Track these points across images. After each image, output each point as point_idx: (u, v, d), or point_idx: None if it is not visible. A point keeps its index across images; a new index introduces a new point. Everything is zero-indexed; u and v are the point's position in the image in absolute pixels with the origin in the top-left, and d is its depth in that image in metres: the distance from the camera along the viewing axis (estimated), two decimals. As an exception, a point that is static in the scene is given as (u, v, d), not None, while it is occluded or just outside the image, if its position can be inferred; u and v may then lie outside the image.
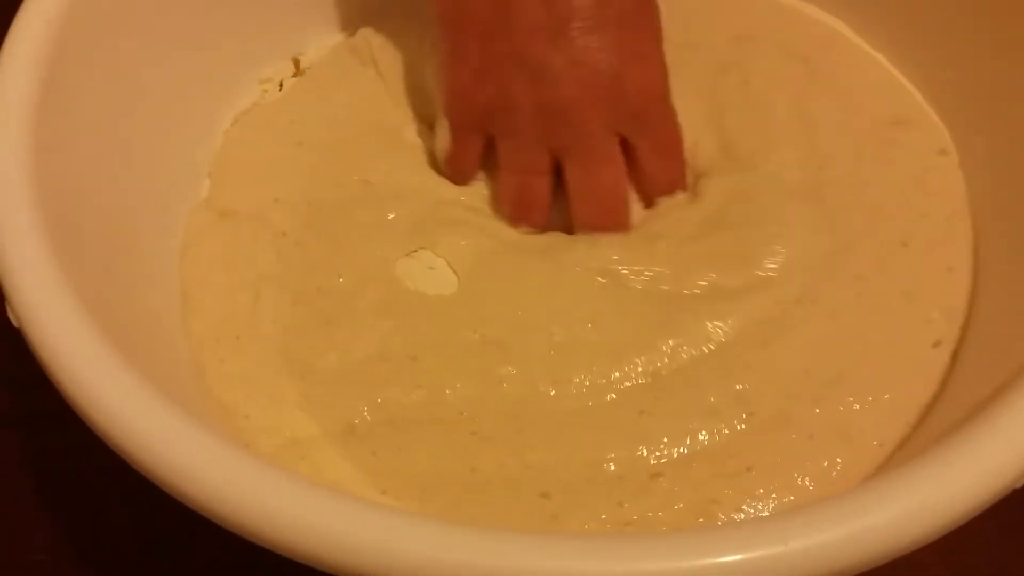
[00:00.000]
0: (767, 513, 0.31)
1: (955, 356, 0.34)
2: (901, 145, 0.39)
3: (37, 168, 0.30)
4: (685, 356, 0.34)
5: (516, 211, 0.38)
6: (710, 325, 0.34)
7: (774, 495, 0.31)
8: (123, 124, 0.36)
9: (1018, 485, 0.23)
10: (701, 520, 0.31)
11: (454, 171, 0.39)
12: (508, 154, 0.37)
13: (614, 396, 0.33)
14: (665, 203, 0.38)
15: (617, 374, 0.34)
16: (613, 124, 0.36)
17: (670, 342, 0.34)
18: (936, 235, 0.37)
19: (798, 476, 0.32)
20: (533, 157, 0.36)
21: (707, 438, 0.32)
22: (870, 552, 0.22)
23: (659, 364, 0.34)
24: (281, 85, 0.44)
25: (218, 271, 0.37)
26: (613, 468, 0.32)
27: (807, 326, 0.35)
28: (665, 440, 0.32)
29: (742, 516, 0.31)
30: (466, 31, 0.36)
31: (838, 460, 0.32)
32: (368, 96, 0.42)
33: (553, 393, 0.33)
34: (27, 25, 0.32)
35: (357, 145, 0.41)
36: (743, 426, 0.33)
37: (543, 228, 0.38)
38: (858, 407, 0.33)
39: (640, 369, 0.34)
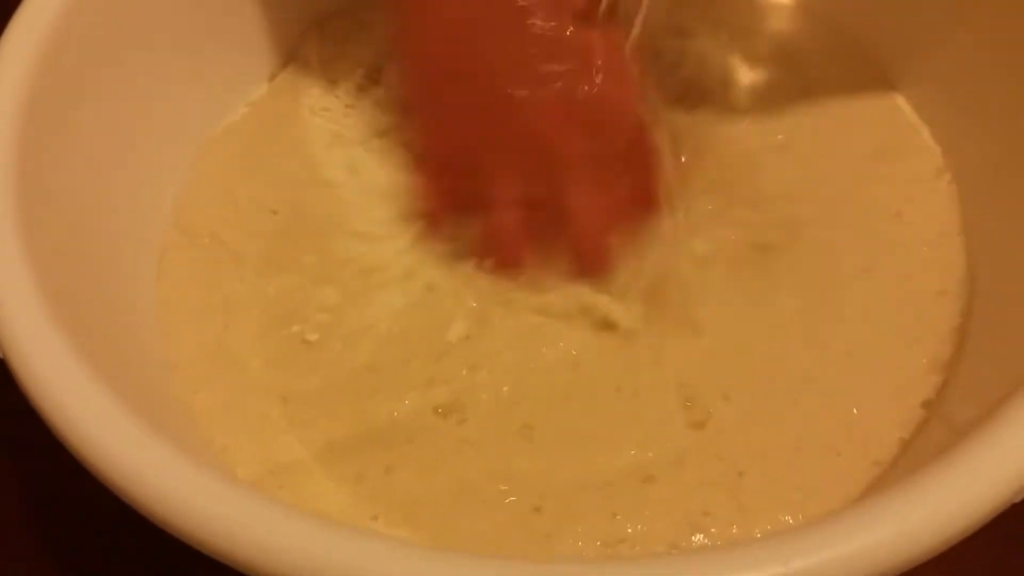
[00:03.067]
0: (760, 526, 0.31)
1: (950, 375, 0.33)
2: (881, 178, 0.39)
3: (20, 190, 0.30)
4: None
5: (503, 249, 0.37)
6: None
7: (766, 506, 0.31)
8: (107, 146, 0.36)
9: (1017, 499, 0.23)
10: (696, 536, 0.31)
11: (430, 210, 0.38)
12: (490, 192, 0.36)
13: (593, 379, 0.34)
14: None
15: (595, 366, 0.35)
16: (591, 147, 0.35)
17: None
18: (914, 261, 0.37)
19: (790, 486, 0.32)
20: (512, 192, 0.36)
21: (691, 429, 0.33)
22: (871, 570, 0.22)
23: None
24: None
25: (187, 295, 0.37)
26: (604, 472, 0.32)
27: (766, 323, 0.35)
28: (649, 430, 0.33)
29: (735, 530, 0.31)
30: (432, 79, 0.36)
31: (829, 472, 0.32)
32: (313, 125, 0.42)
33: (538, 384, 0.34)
34: (18, 40, 0.32)
35: (288, 175, 0.41)
36: (725, 415, 0.33)
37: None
38: (849, 414, 0.33)
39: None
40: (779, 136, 0.40)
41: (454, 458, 0.33)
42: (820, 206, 0.38)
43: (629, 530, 0.31)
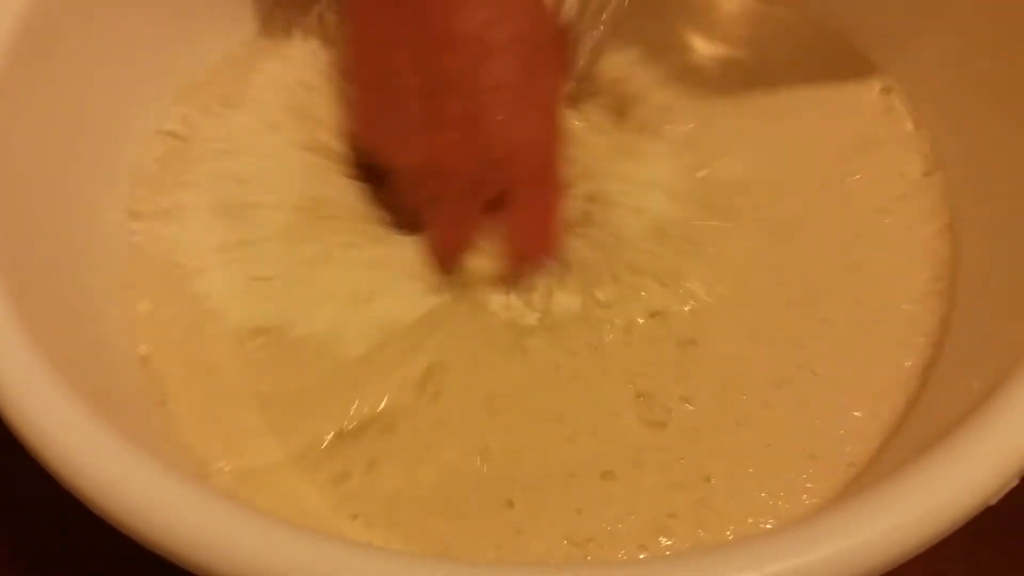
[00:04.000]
0: (730, 529, 0.31)
1: (927, 376, 0.33)
2: (867, 172, 0.39)
3: None
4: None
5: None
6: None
7: (735, 509, 0.31)
8: (62, 123, 0.35)
9: (992, 502, 0.23)
10: (664, 539, 0.31)
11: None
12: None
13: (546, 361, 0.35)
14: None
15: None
16: (481, 181, 0.35)
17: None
18: (899, 259, 0.36)
19: (761, 489, 0.32)
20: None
21: (648, 428, 0.33)
22: (849, 574, 0.22)
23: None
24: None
25: (154, 290, 0.37)
26: (566, 462, 0.32)
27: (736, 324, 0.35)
28: (602, 423, 0.33)
29: (703, 533, 0.31)
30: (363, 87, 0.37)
31: (802, 475, 0.32)
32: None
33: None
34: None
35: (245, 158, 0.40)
36: (685, 416, 0.33)
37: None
38: (824, 417, 0.33)
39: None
40: (760, 131, 0.40)
41: (432, 442, 0.33)
42: (804, 203, 0.38)
43: (595, 529, 0.31)
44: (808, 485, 0.31)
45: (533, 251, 0.36)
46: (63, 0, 0.34)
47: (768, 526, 0.31)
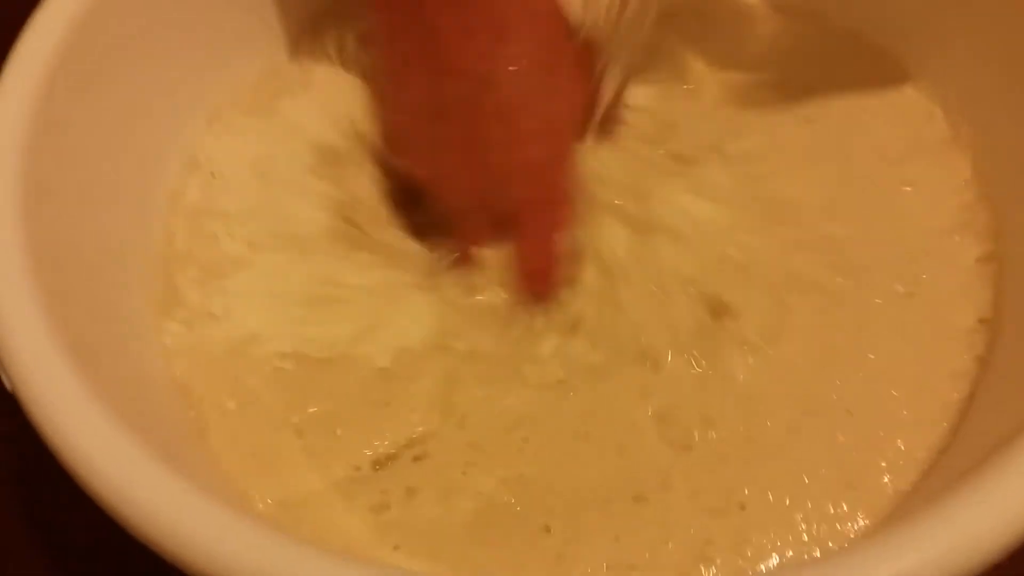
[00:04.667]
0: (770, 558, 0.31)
1: (972, 400, 0.33)
2: (911, 195, 0.38)
3: (27, 217, 0.30)
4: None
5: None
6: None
7: (773, 540, 0.31)
8: (107, 140, 0.36)
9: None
10: (703, 568, 0.30)
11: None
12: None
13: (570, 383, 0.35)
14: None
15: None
16: (484, 202, 0.36)
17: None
18: (949, 285, 0.36)
19: (798, 520, 0.31)
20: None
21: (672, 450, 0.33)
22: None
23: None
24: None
25: (186, 322, 0.37)
26: (599, 487, 0.32)
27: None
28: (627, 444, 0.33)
29: (741, 563, 0.31)
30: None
31: (841, 504, 0.31)
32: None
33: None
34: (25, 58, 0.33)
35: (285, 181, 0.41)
36: (709, 441, 0.33)
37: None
38: (862, 447, 0.32)
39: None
40: (797, 148, 0.40)
41: (466, 469, 0.33)
42: (847, 226, 0.38)
43: (635, 556, 0.31)
44: (847, 514, 0.31)
45: (535, 273, 0.36)
46: (100, 30, 0.35)
47: (812, 554, 0.30)
